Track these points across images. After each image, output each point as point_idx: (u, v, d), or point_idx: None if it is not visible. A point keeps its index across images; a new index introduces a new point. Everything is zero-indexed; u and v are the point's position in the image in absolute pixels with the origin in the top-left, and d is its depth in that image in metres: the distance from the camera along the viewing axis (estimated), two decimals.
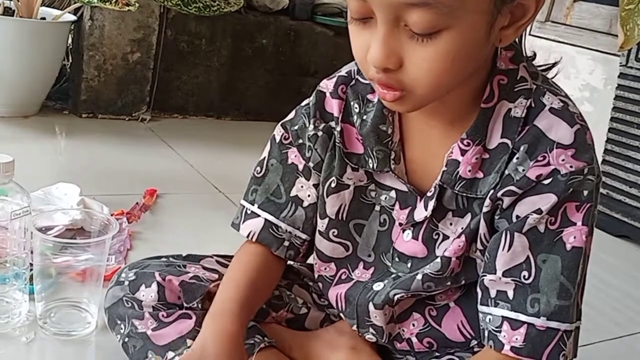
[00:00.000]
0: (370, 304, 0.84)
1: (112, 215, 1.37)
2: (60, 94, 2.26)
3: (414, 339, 0.86)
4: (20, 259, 0.99)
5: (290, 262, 0.99)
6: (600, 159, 1.92)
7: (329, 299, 0.91)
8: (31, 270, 1.00)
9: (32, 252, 0.98)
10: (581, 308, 0.76)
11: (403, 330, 0.87)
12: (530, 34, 2.50)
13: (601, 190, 2.02)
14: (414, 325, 0.86)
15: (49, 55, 2.05)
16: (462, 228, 0.79)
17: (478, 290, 0.77)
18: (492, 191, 0.74)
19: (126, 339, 0.86)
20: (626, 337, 1.33)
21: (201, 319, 0.83)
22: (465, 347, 0.85)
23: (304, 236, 0.88)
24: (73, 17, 2.11)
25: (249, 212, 0.89)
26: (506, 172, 0.74)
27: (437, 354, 0.86)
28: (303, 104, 0.88)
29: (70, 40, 2.20)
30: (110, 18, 2.12)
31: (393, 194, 0.82)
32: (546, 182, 0.72)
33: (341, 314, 0.90)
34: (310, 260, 0.94)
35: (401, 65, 0.66)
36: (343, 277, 0.88)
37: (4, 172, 0.93)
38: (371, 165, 0.81)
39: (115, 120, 2.24)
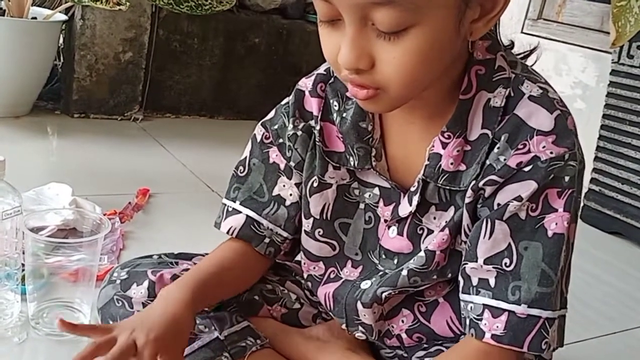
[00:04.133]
0: (359, 302, 0.84)
1: (104, 215, 1.36)
2: (51, 94, 2.26)
3: (404, 335, 0.86)
4: (12, 259, 0.98)
5: (283, 263, 0.99)
6: (592, 156, 1.93)
7: (319, 297, 0.91)
8: (23, 270, 1.00)
9: (24, 253, 0.98)
10: (566, 296, 0.76)
11: (392, 327, 0.87)
12: (522, 32, 2.50)
13: (593, 187, 2.04)
14: (403, 321, 0.86)
15: (40, 55, 2.04)
16: (446, 222, 0.78)
17: (460, 278, 0.77)
18: (473, 182, 0.74)
19: None
20: (619, 333, 1.33)
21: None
22: (453, 342, 0.85)
23: (285, 234, 0.89)
24: (64, 17, 2.10)
25: (230, 209, 0.90)
26: (487, 162, 0.73)
27: (425, 346, 0.86)
28: (283, 102, 0.88)
29: (61, 40, 2.19)
30: (101, 17, 2.11)
31: (377, 191, 0.82)
32: (526, 169, 0.71)
33: (330, 313, 0.90)
34: (297, 259, 0.94)
35: (372, 66, 0.66)
36: (332, 275, 0.88)
37: None
38: (352, 163, 0.81)
39: (107, 120, 2.23)
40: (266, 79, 2.52)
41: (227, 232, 0.89)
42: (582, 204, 1.93)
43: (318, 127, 0.83)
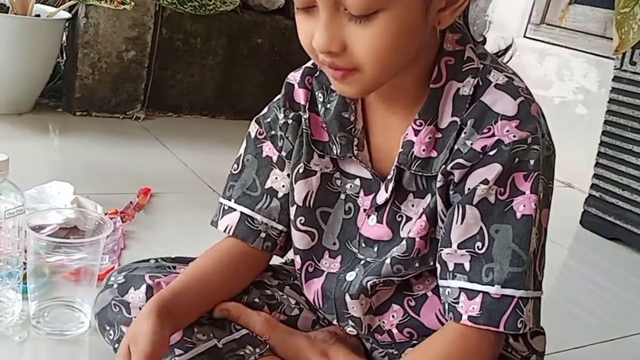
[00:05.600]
0: (347, 295, 0.86)
1: (106, 214, 1.36)
2: (54, 92, 2.25)
3: (395, 330, 0.87)
4: (13, 257, 0.98)
5: (282, 264, 1.00)
6: (593, 162, 1.93)
7: (307, 297, 0.92)
8: (25, 269, 1.00)
9: (26, 251, 0.98)
10: (541, 280, 0.77)
11: (383, 323, 0.88)
12: (525, 36, 2.51)
13: (594, 193, 2.03)
14: (393, 316, 0.87)
15: (43, 53, 2.04)
16: (423, 208, 0.80)
17: (437, 265, 0.78)
18: (443, 166, 0.76)
19: (116, 345, 0.85)
20: (619, 339, 1.33)
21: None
22: None
23: (280, 227, 0.91)
24: (68, 15, 2.10)
25: (226, 207, 0.92)
26: (455, 146, 0.76)
27: (415, 342, 0.87)
28: (275, 99, 0.91)
29: (64, 38, 2.19)
30: (105, 16, 2.12)
31: (358, 182, 0.85)
32: (491, 152, 0.73)
33: (321, 311, 0.91)
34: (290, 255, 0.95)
35: (345, 49, 0.69)
36: (310, 269, 0.90)
37: None
38: (335, 151, 0.84)
39: (109, 118, 2.23)
40: (268, 79, 2.52)
41: (224, 231, 0.92)
42: (582, 210, 1.95)
43: (306, 116, 0.86)
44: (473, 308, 0.74)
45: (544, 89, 2.39)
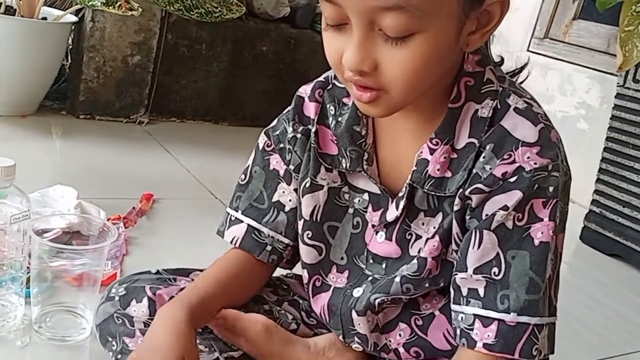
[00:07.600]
0: (353, 311, 0.86)
1: (108, 219, 1.37)
2: (58, 94, 2.26)
3: (401, 349, 0.87)
4: (17, 262, 0.98)
5: (282, 278, 1.00)
6: (594, 178, 1.94)
7: (315, 311, 0.92)
8: (28, 273, 1.00)
9: (29, 256, 0.98)
10: (555, 305, 0.77)
11: (390, 341, 0.87)
12: (528, 50, 2.51)
13: (594, 209, 2.03)
14: (400, 335, 0.87)
15: (48, 56, 2.05)
16: (434, 227, 0.80)
17: (451, 289, 0.78)
18: (460, 190, 0.76)
19: (119, 356, 0.85)
20: (618, 357, 1.33)
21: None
22: (451, 355, 0.85)
23: (286, 241, 0.91)
24: (74, 18, 2.10)
25: (233, 218, 0.92)
26: (474, 170, 0.75)
27: None
28: (285, 111, 0.91)
29: (70, 41, 2.19)
30: (111, 20, 2.12)
31: (366, 196, 0.85)
32: (512, 179, 0.73)
33: (328, 327, 0.91)
34: (297, 268, 0.95)
35: (376, 68, 0.69)
36: (317, 283, 0.90)
37: (5, 176, 0.93)
38: (344, 165, 0.84)
39: (112, 122, 2.23)
40: (272, 87, 2.52)
41: (231, 242, 0.92)
42: (582, 225, 1.95)
43: (314, 129, 0.85)
44: (488, 335, 0.74)
45: (546, 103, 2.39)
